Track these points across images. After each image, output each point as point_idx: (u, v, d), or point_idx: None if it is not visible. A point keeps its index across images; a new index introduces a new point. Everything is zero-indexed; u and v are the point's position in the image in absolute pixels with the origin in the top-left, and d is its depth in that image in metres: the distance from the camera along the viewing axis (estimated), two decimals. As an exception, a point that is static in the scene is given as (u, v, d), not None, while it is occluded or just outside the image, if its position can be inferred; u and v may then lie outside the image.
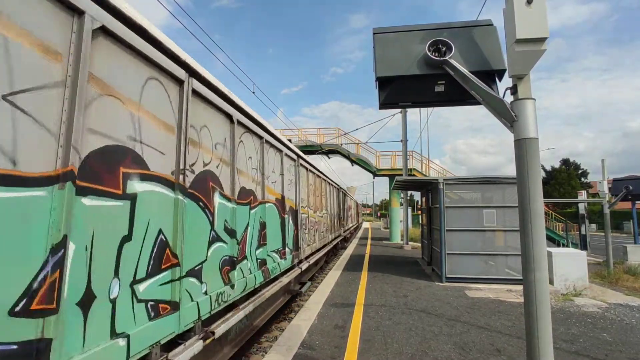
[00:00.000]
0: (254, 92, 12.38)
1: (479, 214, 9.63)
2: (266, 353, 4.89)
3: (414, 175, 22.80)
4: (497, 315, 6.56)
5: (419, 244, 17.43)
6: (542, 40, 2.46)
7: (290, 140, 9.90)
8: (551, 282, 8.60)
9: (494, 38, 3.01)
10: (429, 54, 2.93)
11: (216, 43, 10.65)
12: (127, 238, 2.58)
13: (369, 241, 23.97)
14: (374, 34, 3.33)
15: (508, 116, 2.61)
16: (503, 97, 2.71)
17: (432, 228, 11.73)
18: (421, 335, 5.50)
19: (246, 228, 4.97)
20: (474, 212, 9.72)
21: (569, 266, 8.76)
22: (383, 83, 3.12)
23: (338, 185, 18.25)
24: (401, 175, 20.27)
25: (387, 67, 3.05)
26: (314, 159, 22.77)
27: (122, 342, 2.45)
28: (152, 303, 2.84)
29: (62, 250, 2.00)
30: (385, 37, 3.25)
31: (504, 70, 2.84)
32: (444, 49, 2.94)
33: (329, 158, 26.65)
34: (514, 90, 2.66)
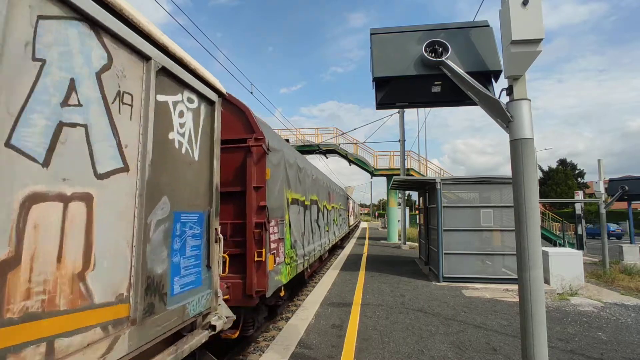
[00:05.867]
0: (252, 92, 12.39)
1: (477, 214, 9.67)
2: (263, 352, 4.90)
3: (411, 175, 22.85)
4: (493, 315, 6.60)
5: (417, 244, 17.47)
6: (537, 41, 2.48)
7: (287, 141, 9.92)
8: (547, 281, 8.65)
9: (490, 39, 3.04)
10: (426, 54, 2.95)
11: (214, 43, 10.63)
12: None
13: (367, 241, 24.01)
14: (372, 34, 3.35)
15: (504, 117, 2.64)
16: (499, 97, 2.73)
17: (429, 228, 11.77)
18: (418, 334, 5.52)
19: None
20: (471, 212, 9.76)
21: (565, 266, 8.81)
22: (380, 83, 3.14)
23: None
24: (399, 175, 20.32)
25: (384, 67, 3.07)
26: (311, 158, 22.77)
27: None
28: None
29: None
30: (383, 37, 3.27)
31: (500, 71, 2.87)
32: (440, 49, 2.96)
33: (327, 158, 26.69)
34: (509, 91, 2.68)
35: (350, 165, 25.76)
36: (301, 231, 8.05)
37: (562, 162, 61.15)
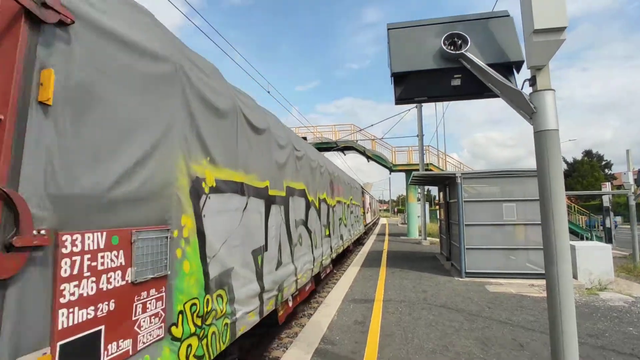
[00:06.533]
0: (269, 92, 12.45)
1: (499, 208, 9.48)
2: (287, 349, 4.96)
3: (430, 170, 22.57)
4: (519, 310, 6.47)
5: (437, 239, 17.28)
6: (561, 29, 2.41)
7: (305, 138, 9.96)
8: (575, 276, 8.42)
9: (510, 29, 2.98)
10: (445, 47, 2.91)
11: (229, 42, 10.74)
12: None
13: (387, 237, 23.88)
14: (389, 29, 3.33)
15: (527, 108, 2.58)
16: (521, 88, 2.68)
17: (450, 223, 11.61)
18: (442, 330, 5.48)
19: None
20: (493, 206, 9.57)
21: (593, 260, 8.56)
22: (398, 78, 3.12)
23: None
24: (418, 170, 20.10)
25: (402, 62, 3.05)
26: (329, 156, 22.74)
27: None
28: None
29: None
30: (400, 32, 3.24)
31: (522, 62, 2.81)
32: (459, 42, 2.92)
33: (345, 155, 26.65)
34: (532, 81, 2.62)
35: (368, 161, 25.63)
36: (257, 245, 4.38)
37: (588, 153, 59.25)
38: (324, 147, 24.76)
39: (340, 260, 13.85)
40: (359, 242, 20.18)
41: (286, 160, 5.71)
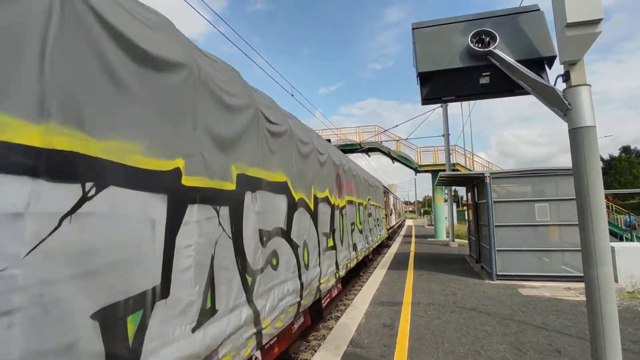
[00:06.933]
0: (292, 95, 12.55)
1: (531, 208, 9.17)
2: (315, 351, 4.96)
3: (457, 170, 22.11)
4: (554, 315, 6.23)
5: (466, 241, 16.87)
6: (596, 22, 2.31)
7: (329, 140, 9.95)
8: (615, 279, 8.02)
9: (541, 23, 2.88)
10: (472, 45, 2.85)
11: (253, 47, 10.92)
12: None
13: (413, 239, 23.54)
14: (413, 29, 3.29)
15: (561, 105, 2.49)
16: (554, 85, 2.59)
17: (479, 224, 11.32)
18: (473, 334, 5.34)
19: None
20: (524, 206, 9.26)
21: (634, 262, 8.13)
22: (425, 78, 3.08)
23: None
24: (444, 170, 19.73)
25: (428, 62, 3.00)
26: (353, 157, 22.67)
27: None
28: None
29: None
30: (425, 31, 3.20)
31: (554, 57, 2.71)
32: (487, 39, 2.86)
33: (369, 156, 26.48)
34: (566, 77, 2.53)
35: (393, 162, 25.37)
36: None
37: (626, 149, 56.45)
38: (348, 148, 24.71)
39: (366, 262, 12.93)
40: (381, 247, 17.96)
41: (270, 140, 4.19)
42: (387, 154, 25.04)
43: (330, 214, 6.86)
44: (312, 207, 5.65)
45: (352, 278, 10.21)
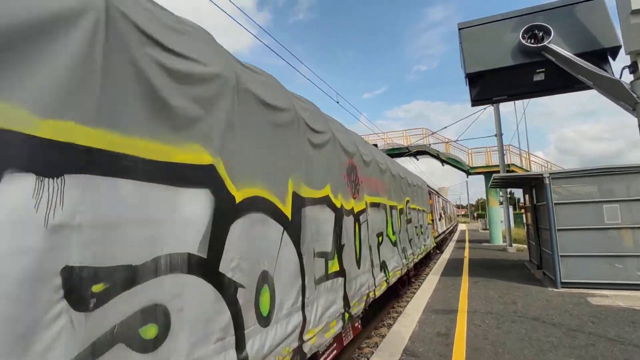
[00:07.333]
0: (337, 102, 12.65)
1: (598, 210, 8.45)
2: (368, 359, 4.91)
3: (512, 171, 20.96)
4: (631, 327, 5.68)
5: (525, 246, 15.90)
6: (666, 7, 2.13)
7: (375, 145, 9.82)
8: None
9: (601, 13, 2.71)
10: (524, 42, 2.74)
11: (297, 57, 11.18)
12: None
13: (467, 244, 22.59)
14: (460, 29, 3.22)
15: (628, 98, 2.31)
16: (620, 77, 2.40)
17: (539, 228, 10.63)
18: (537, 346, 5.01)
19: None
20: (590, 208, 8.56)
21: None
22: (474, 79, 3.00)
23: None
24: (498, 172, 18.80)
25: (477, 61, 2.92)
26: (401, 161, 22.24)
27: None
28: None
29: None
30: (472, 30, 3.12)
31: (619, 47, 2.53)
32: (540, 34, 2.73)
33: (417, 159, 25.91)
34: (633, 68, 2.35)
35: (443, 165, 24.62)
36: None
37: None
38: (396, 152, 24.37)
39: (405, 282, 10.38)
40: (428, 258, 15.31)
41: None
42: (436, 156, 24.34)
43: (341, 222, 4.76)
44: (286, 212, 3.51)
45: (400, 286, 9.82)
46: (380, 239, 6.93)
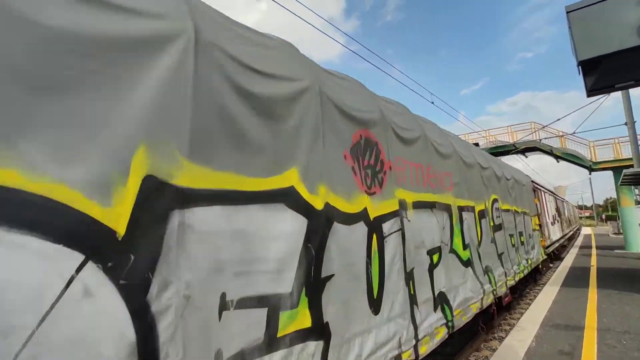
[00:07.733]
0: (432, 102, 12.22)
1: None
2: (478, 373, 4.62)
3: (651, 164, 17.70)
4: None
5: (674, 253, 13.24)
6: None
7: (477, 144, 9.22)
8: None
9: None
10: (653, 16, 2.36)
11: (386, 61, 11.13)
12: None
13: (594, 250, 19.65)
14: (568, 12, 2.90)
15: None
16: None
17: (693, 231, 8.79)
18: (695, 374, 4.16)
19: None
20: None
21: None
22: (588, 66, 2.67)
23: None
24: (630, 166, 16.05)
25: (591, 47, 2.60)
26: (507, 160, 20.35)
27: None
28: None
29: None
30: (583, 12, 2.79)
31: None
32: (675, 4, 2.33)
33: (526, 157, 23.52)
34: None
35: (558, 161, 21.90)
36: None
37: None
38: (500, 151, 22.49)
39: (534, 275, 9.77)
40: (536, 271, 12.40)
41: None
42: (550, 152, 21.76)
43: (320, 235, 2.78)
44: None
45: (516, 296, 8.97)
46: (435, 258, 4.53)
